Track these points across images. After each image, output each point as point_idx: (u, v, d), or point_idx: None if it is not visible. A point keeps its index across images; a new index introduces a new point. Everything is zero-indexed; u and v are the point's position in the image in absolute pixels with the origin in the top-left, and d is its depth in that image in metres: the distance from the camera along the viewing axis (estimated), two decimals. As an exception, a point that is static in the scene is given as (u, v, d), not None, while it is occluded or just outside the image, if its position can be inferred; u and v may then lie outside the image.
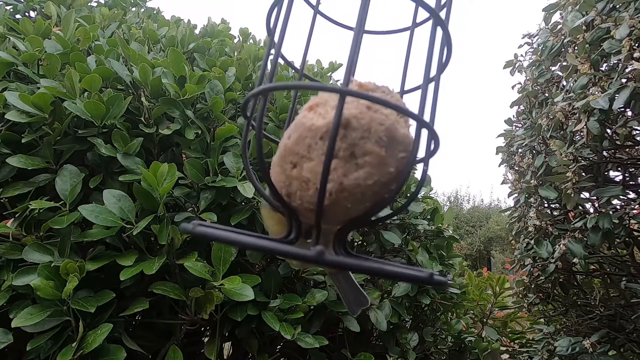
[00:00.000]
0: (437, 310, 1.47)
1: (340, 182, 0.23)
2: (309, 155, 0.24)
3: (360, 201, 0.24)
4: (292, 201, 0.25)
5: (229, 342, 1.20)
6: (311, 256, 0.21)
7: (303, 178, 0.24)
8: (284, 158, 0.25)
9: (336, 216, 0.25)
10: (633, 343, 1.37)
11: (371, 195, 0.24)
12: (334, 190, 0.23)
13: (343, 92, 0.22)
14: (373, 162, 0.24)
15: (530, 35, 1.74)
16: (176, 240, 0.89)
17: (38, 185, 0.90)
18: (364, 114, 0.24)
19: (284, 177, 0.25)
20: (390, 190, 0.25)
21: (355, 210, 0.24)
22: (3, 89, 0.93)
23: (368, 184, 0.24)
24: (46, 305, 0.77)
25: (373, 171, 0.24)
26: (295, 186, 0.24)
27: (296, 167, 0.24)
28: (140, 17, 1.59)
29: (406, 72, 0.34)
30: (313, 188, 0.24)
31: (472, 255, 9.57)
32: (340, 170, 0.23)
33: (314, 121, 0.24)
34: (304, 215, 0.25)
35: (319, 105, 0.25)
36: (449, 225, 1.46)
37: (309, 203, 0.24)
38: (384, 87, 0.26)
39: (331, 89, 0.24)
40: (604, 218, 1.17)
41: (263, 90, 0.24)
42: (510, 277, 2.07)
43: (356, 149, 0.24)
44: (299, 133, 0.25)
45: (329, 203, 0.23)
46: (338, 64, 1.62)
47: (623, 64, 1.07)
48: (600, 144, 1.24)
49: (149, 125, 1.01)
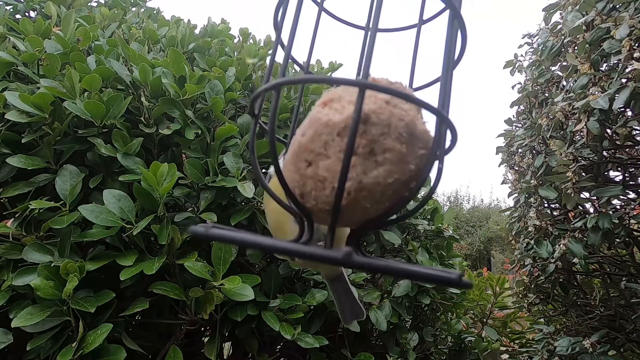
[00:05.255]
0: (437, 310, 1.47)
1: (360, 181, 0.22)
2: (325, 153, 0.23)
3: (379, 201, 0.23)
4: (306, 202, 0.23)
5: (229, 342, 1.20)
6: (339, 258, 0.20)
7: (319, 177, 0.23)
8: (297, 156, 0.24)
9: (353, 217, 0.23)
10: (633, 343, 1.37)
11: (391, 194, 0.23)
12: (352, 189, 0.22)
13: (363, 85, 0.21)
14: (393, 160, 0.22)
15: (530, 35, 1.74)
16: (176, 240, 0.89)
17: (38, 185, 0.90)
18: (383, 109, 0.23)
19: (297, 177, 0.24)
20: (411, 189, 0.24)
21: (374, 210, 0.23)
22: (3, 89, 0.93)
23: (388, 182, 0.22)
24: (46, 305, 0.77)
25: (393, 169, 0.22)
26: (310, 186, 0.23)
27: (311, 166, 0.23)
28: (140, 17, 1.59)
29: (414, 69, 0.33)
30: (330, 187, 0.22)
31: (472, 255, 9.57)
32: (360, 168, 0.22)
33: (331, 117, 0.23)
34: (318, 216, 0.24)
35: (334, 100, 0.24)
36: (449, 225, 1.46)
37: (325, 203, 0.23)
38: (398, 83, 0.25)
39: (350, 82, 0.23)
40: (604, 218, 1.17)
41: (276, 85, 0.23)
42: (510, 277, 2.07)
43: (376, 145, 0.22)
44: (315, 129, 0.23)
45: (347, 203, 0.22)
46: (338, 64, 1.61)
47: (623, 64, 1.07)
48: (600, 144, 1.24)
49: (149, 125, 1.01)
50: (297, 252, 0.21)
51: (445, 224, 1.45)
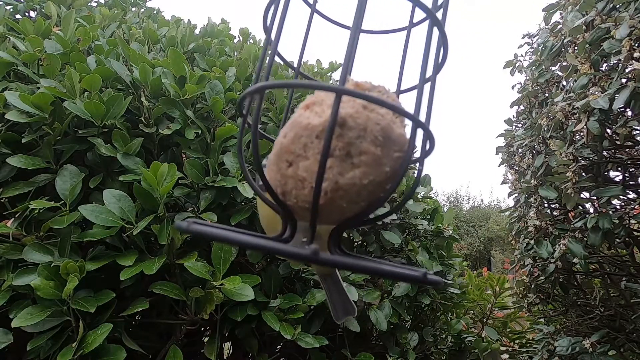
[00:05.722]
0: (437, 310, 1.47)
1: (336, 181, 0.23)
2: (304, 154, 0.24)
3: (355, 200, 0.24)
4: (288, 200, 0.25)
5: (229, 342, 1.20)
6: (305, 255, 0.21)
7: (299, 177, 0.24)
8: (279, 157, 0.25)
9: (331, 215, 0.24)
10: (633, 343, 1.37)
11: (367, 194, 0.24)
12: (329, 189, 0.23)
13: (339, 91, 0.22)
14: (369, 162, 0.24)
15: (530, 35, 1.74)
16: (176, 240, 0.89)
17: (38, 185, 0.90)
18: (360, 113, 0.24)
19: (279, 176, 0.25)
20: (386, 190, 0.25)
21: (351, 209, 0.24)
22: (3, 89, 0.93)
23: (364, 183, 0.24)
24: (46, 305, 0.77)
25: (369, 170, 0.24)
26: (291, 185, 0.24)
27: (292, 166, 0.24)
28: (140, 17, 1.59)
29: (402, 72, 0.34)
30: (308, 187, 0.23)
31: (472, 255, 9.57)
32: (336, 169, 0.23)
33: (310, 120, 0.24)
34: (299, 214, 0.25)
35: (315, 104, 0.25)
36: (449, 225, 1.46)
37: (305, 202, 0.24)
38: (380, 86, 0.26)
39: (327, 88, 0.24)
40: (604, 218, 1.17)
41: (259, 89, 0.24)
42: (510, 277, 2.07)
43: (352, 148, 0.23)
44: (295, 132, 0.25)
45: (325, 202, 0.23)
46: (338, 64, 1.61)
47: (623, 64, 1.07)
48: (600, 144, 1.24)
49: (149, 125, 1.01)
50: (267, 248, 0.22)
51: (445, 224, 1.45)
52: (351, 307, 0.43)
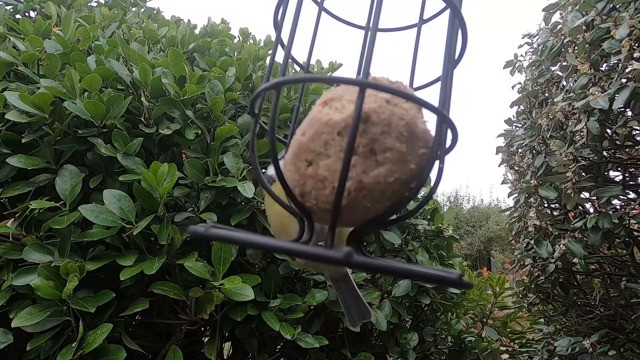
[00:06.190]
0: (437, 310, 1.47)
1: (360, 180, 0.22)
2: (326, 152, 0.23)
3: (380, 200, 0.23)
4: (306, 201, 0.23)
5: (229, 342, 1.20)
6: (339, 258, 0.19)
7: (319, 176, 0.22)
8: (298, 156, 0.24)
9: (354, 216, 0.23)
10: (633, 343, 1.37)
11: (391, 193, 0.23)
12: (352, 188, 0.22)
13: (363, 84, 0.21)
14: (394, 159, 0.22)
15: (530, 35, 1.74)
16: (176, 240, 0.89)
17: (38, 185, 0.90)
18: (383, 108, 0.23)
19: (297, 176, 0.23)
20: (411, 189, 0.23)
21: (375, 209, 0.23)
22: (3, 89, 0.93)
23: (389, 181, 0.22)
24: (46, 305, 0.77)
25: (394, 168, 0.22)
26: (310, 185, 0.23)
27: (312, 165, 0.23)
28: (140, 17, 1.59)
29: (415, 68, 0.33)
30: (330, 187, 0.22)
31: (472, 255, 9.57)
32: (360, 168, 0.22)
33: (331, 116, 0.23)
34: (319, 216, 0.24)
35: (334, 99, 0.24)
36: (449, 225, 1.46)
37: (325, 203, 0.22)
38: (398, 82, 0.25)
39: (350, 81, 0.23)
40: (604, 218, 1.17)
41: (276, 84, 0.23)
42: (510, 277, 2.07)
43: (376, 144, 0.22)
44: (315, 129, 0.23)
45: (347, 202, 0.22)
46: (338, 64, 1.61)
47: (623, 64, 1.07)
48: (600, 144, 1.24)
49: (149, 125, 1.01)
50: (299, 252, 0.21)
51: (445, 224, 1.45)
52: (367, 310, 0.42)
